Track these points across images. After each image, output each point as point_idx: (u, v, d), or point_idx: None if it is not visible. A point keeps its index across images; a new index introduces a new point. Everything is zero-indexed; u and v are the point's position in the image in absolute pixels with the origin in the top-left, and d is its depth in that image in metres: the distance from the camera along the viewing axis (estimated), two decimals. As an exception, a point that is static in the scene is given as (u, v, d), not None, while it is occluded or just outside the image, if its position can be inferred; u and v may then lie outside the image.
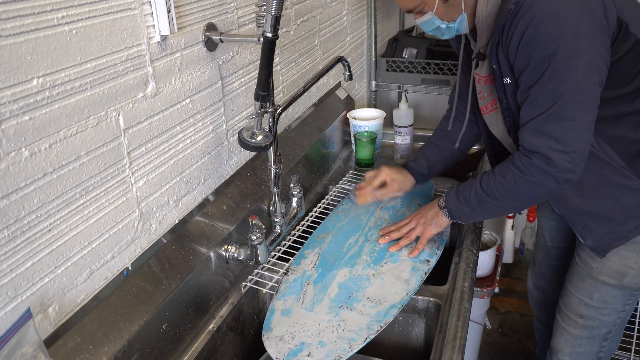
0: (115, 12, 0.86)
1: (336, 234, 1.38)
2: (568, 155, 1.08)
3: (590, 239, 1.28)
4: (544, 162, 1.10)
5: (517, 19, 1.06)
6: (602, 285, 1.35)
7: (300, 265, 1.27)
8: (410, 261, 1.27)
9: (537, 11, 1.04)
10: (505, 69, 1.15)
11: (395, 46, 2.34)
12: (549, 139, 1.08)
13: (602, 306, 1.38)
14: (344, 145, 1.92)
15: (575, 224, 1.29)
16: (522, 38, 1.06)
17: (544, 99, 1.07)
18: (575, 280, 1.41)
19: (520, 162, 1.13)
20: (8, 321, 0.74)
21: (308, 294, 1.18)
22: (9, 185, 0.72)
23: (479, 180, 1.21)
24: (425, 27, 1.23)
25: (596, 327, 1.42)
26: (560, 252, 1.62)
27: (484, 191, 1.20)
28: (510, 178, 1.15)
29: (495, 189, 1.18)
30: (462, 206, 1.25)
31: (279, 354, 1.03)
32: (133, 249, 0.98)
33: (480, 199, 1.21)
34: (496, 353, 2.32)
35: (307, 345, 1.04)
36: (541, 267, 1.70)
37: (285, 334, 1.07)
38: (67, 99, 0.79)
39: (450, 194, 1.29)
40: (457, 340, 1.05)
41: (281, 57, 1.47)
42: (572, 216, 1.29)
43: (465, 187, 1.25)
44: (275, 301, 1.17)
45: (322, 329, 1.08)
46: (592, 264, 1.34)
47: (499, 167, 1.19)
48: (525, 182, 1.13)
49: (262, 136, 1.10)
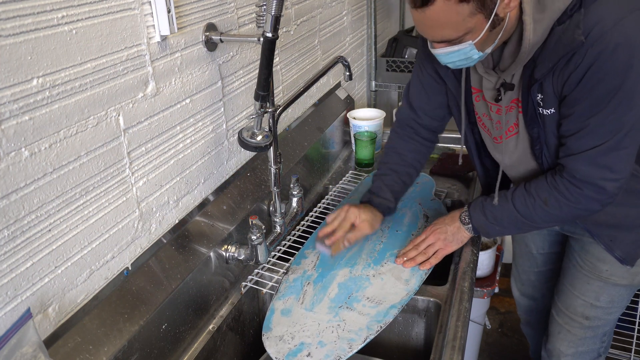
0: (115, 12, 0.86)
1: None
2: (618, 182, 1.08)
3: (618, 250, 1.26)
4: (595, 192, 1.09)
5: (585, 49, 0.98)
6: (611, 286, 1.34)
7: (301, 265, 1.27)
8: None
9: (609, 41, 0.96)
10: (551, 100, 1.07)
11: (395, 46, 2.34)
12: (603, 169, 1.07)
13: (610, 306, 1.38)
14: (344, 145, 1.92)
15: (602, 238, 1.27)
16: (589, 69, 0.99)
17: (605, 130, 1.04)
18: (578, 283, 1.39)
19: (568, 191, 1.11)
20: (8, 321, 0.74)
21: (308, 294, 1.18)
22: (9, 185, 0.72)
23: (512, 201, 1.18)
24: (450, 58, 1.03)
25: (600, 326, 1.42)
26: (547, 258, 1.60)
27: (520, 213, 1.17)
28: (554, 204, 1.13)
29: (535, 213, 1.16)
30: (492, 225, 1.22)
31: (278, 354, 1.03)
32: (133, 249, 0.98)
33: (514, 220, 1.19)
34: (496, 353, 2.32)
35: (307, 345, 1.04)
36: (528, 275, 1.67)
37: (285, 334, 1.07)
38: (67, 99, 0.79)
39: (475, 210, 1.24)
40: (457, 340, 1.05)
41: (281, 57, 1.47)
42: (598, 230, 1.26)
43: (495, 207, 1.21)
44: (275, 301, 1.17)
45: (322, 329, 1.08)
46: (602, 267, 1.32)
47: (537, 190, 1.15)
48: (571, 209, 1.13)
49: (262, 136, 1.10)
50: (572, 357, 1.48)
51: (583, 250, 1.36)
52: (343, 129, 1.89)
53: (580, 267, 1.38)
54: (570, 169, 1.10)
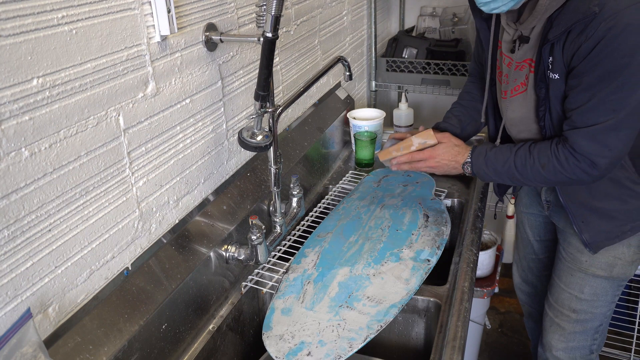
0: (115, 12, 0.86)
1: (337, 232, 1.38)
2: (613, 159, 1.13)
3: (586, 233, 1.31)
4: (590, 166, 1.14)
5: (597, 23, 1.01)
6: (592, 278, 1.38)
7: (301, 264, 1.27)
8: (410, 261, 1.27)
9: (621, 19, 0.99)
10: (559, 66, 1.12)
11: (395, 46, 2.34)
12: (602, 146, 1.11)
13: (594, 299, 1.41)
14: (344, 145, 1.92)
15: (576, 216, 1.31)
16: (598, 44, 1.02)
17: (607, 107, 1.07)
18: (564, 275, 1.43)
19: (566, 161, 1.16)
20: (8, 321, 0.74)
21: (308, 293, 1.18)
22: (9, 185, 0.72)
23: (514, 158, 1.24)
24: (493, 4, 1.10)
25: (589, 321, 1.45)
26: (544, 245, 1.65)
27: (517, 170, 1.24)
28: (551, 169, 1.19)
29: (531, 173, 1.22)
30: (488, 172, 1.30)
31: (278, 353, 1.03)
32: (133, 249, 0.98)
33: (510, 173, 1.25)
34: (496, 353, 2.32)
35: (307, 345, 1.04)
36: (528, 262, 1.72)
37: (285, 333, 1.07)
38: (67, 99, 0.79)
39: (479, 158, 1.31)
40: (457, 340, 1.05)
41: (281, 57, 1.47)
42: (575, 208, 1.31)
43: (497, 158, 1.27)
44: (276, 300, 1.17)
45: (322, 328, 1.08)
46: (581, 258, 1.37)
47: (539, 153, 1.21)
48: (564, 177, 1.18)
49: (262, 136, 1.10)
50: (563, 351, 1.50)
51: (565, 242, 1.41)
52: (343, 129, 1.89)
53: (564, 259, 1.42)
54: (572, 141, 1.15)
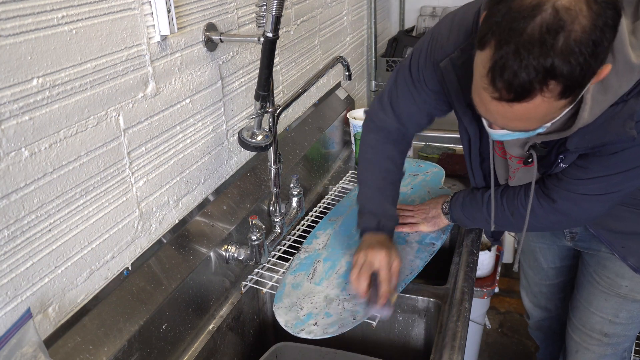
0: (115, 12, 0.86)
1: (348, 216, 1.42)
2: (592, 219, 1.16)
3: (632, 258, 1.24)
4: (564, 218, 1.13)
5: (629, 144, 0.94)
6: (631, 302, 1.32)
7: (312, 244, 1.33)
8: (416, 244, 1.31)
9: None
10: (571, 158, 1.04)
11: (395, 46, 2.34)
12: (584, 210, 1.10)
13: (629, 322, 1.35)
14: (344, 145, 1.92)
15: (614, 244, 1.25)
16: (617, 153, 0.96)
17: (603, 186, 1.03)
18: (595, 300, 1.36)
19: (542, 209, 1.12)
20: (8, 321, 0.74)
21: (318, 270, 1.24)
22: (9, 185, 0.72)
23: (485, 209, 1.21)
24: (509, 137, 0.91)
25: (621, 343, 1.40)
26: (558, 271, 1.58)
27: (492, 220, 1.21)
28: (519, 218, 1.15)
29: (503, 224, 1.21)
30: (467, 220, 1.29)
31: (288, 322, 1.09)
32: (133, 249, 0.98)
33: (486, 223, 1.23)
34: (496, 353, 2.32)
35: (315, 316, 1.10)
36: (539, 288, 1.66)
37: (294, 305, 1.14)
38: (67, 99, 0.79)
39: (456, 205, 1.29)
40: (457, 340, 1.05)
41: (281, 57, 1.47)
42: (609, 235, 1.25)
43: (472, 205, 1.25)
44: (287, 276, 1.23)
45: (329, 302, 1.14)
46: (621, 283, 1.30)
47: (508, 203, 1.17)
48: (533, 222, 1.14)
49: (262, 136, 1.10)
50: None
51: (599, 266, 1.34)
52: (343, 129, 1.89)
53: (597, 284, 1.35)
54: (555, 197, 1.09)
